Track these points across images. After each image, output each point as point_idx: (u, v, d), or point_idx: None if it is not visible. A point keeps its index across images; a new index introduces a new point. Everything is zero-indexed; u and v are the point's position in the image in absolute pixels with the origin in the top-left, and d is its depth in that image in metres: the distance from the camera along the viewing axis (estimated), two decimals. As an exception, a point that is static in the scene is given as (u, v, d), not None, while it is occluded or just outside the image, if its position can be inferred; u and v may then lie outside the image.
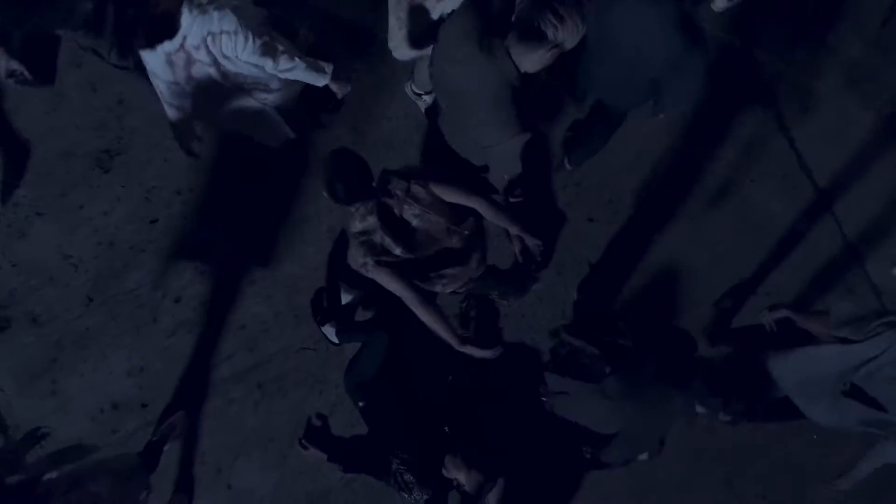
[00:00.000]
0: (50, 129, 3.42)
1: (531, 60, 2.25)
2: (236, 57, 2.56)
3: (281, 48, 2.63)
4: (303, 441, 3.38)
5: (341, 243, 3.53)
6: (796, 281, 3.72)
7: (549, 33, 2.15)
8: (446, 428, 3.28)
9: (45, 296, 3.37)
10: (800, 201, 3.80)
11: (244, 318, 3.46)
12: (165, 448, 3.29)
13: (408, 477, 3.17)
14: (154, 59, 2.58)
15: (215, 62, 2.58)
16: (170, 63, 2.58)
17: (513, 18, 2.25)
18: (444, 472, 3.20)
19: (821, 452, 3.68)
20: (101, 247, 3.42)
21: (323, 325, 3.42)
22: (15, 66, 3.23)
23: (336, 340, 3.40)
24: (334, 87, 2.95)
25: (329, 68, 2.83)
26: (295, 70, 2.71)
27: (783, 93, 3.82)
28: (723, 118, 3.78)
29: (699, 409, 3.12)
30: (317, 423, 3.46)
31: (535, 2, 2.15)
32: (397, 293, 2.42)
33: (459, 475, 3.17)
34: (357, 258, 2.42)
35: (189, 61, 2.58)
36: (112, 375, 3.38)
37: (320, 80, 2.84)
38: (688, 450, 3.57)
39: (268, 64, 2.62)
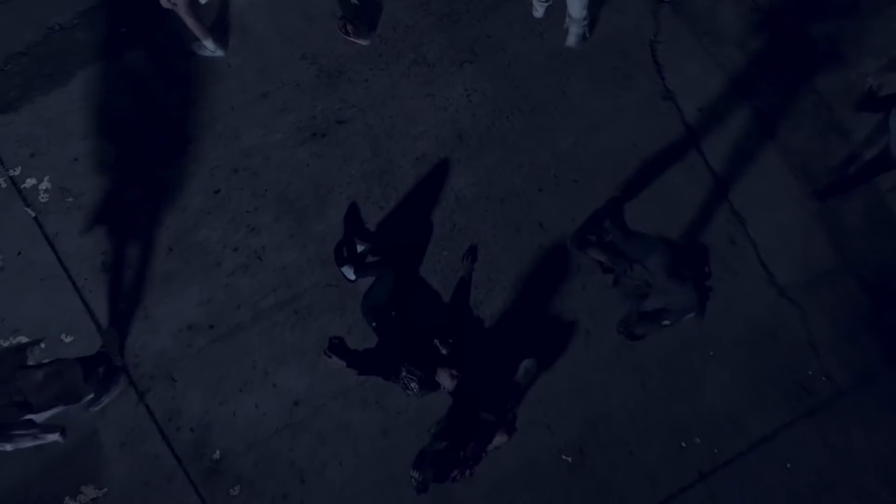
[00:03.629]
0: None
1: None
2: None
3: None
4: (328, 352, 4.56)
5: (354, 209, 4.73)
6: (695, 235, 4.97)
7: None
8: (436, 340, 4.42)
9: (138, 247, 4.57)
10: (700, 183, 4.99)
11: (284, 263, 4.65)
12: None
13: (413, 381, 4.29)
14: None
15: None
16: None
17: None
18: (436, 377, 4.34)
19: (715, 367, 4.93)
20: (178, 210, 4.61)
21: (342, 267, 4.60)
22: None
23: (352, 278, 4.58)
24: None
25: None
26: None
27: (683, 97, 5.04)
28: (642, 120, 5.00)
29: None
30: (337, 340, 4.66)
31: None
32: None
33: (444, 379, 4.28)
34: None
35: None
36: (187, 305, 4.58)
37: None
38: (611, 361, 4.79)
39: None
